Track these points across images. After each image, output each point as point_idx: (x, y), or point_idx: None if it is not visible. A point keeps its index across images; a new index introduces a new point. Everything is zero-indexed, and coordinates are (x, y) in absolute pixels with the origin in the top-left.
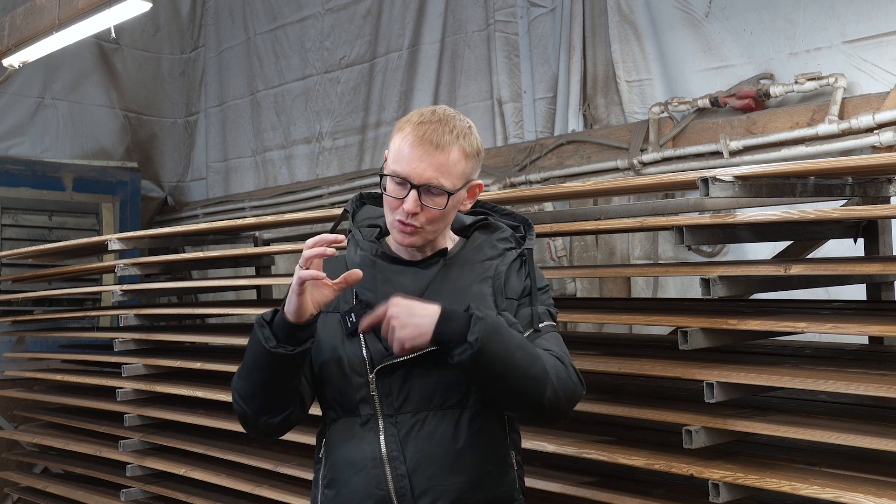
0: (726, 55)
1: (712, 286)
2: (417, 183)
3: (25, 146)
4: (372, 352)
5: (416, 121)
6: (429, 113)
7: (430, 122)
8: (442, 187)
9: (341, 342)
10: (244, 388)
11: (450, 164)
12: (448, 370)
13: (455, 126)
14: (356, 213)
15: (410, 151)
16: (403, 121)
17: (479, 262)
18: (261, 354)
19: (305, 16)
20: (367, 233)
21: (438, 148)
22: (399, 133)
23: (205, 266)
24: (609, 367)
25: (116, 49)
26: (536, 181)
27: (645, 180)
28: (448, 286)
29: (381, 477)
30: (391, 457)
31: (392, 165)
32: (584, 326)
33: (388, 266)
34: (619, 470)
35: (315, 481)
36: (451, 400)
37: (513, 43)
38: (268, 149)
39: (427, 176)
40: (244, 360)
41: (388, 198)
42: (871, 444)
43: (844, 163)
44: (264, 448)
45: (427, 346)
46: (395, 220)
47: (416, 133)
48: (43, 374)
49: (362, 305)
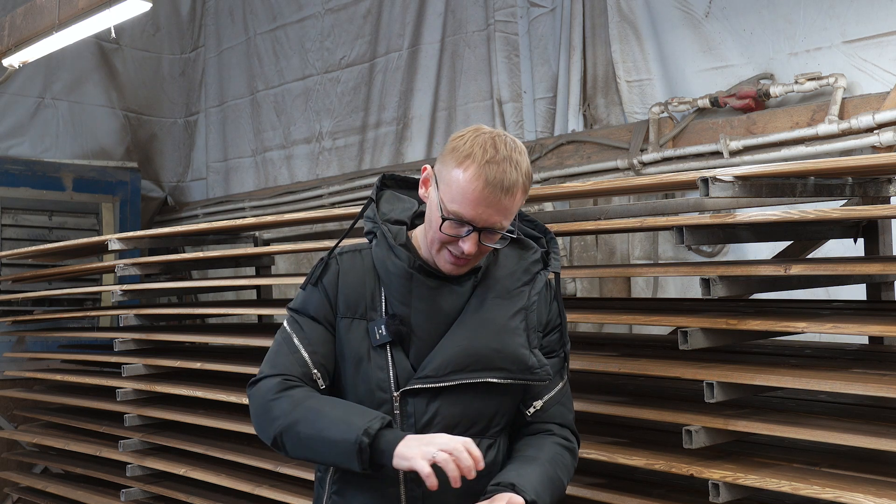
0: (726, 55)
1: (712, 286)
2: (481, 227)
3: (25, 146)
4: (398, 369)
5: (480, 159)
6: (491, 149)
7: (496, 162)
8: (503, 229)
9: (367, 353)
10: (298, 449)
11: (514, 205)
12: (475, 399)
13: (518, 161)
14: (379, 200)
15: (478, 197)
16: (462, 153)
17: (514, 290)
18: (342, 459)
19: (305, 16)
20: (395, 231)
21: (507, 193)
22: (460, 169)
23: (205, 266)
24: (609, 367)
25: (116, 49)
26: (536, 181)
27: (645, 180)
28: (483, 314)
29: (395, 496)
30: (408, 478)
31: (452, 206)
32: (584, 326)
33: (425, 281)
34: (619, 470)
35: (320, 481)
36: (474, 429)
37: (513, 43)
38: (268, 149)
39: (493, 220)
40: (313, 428)
41: (441, 234)
42: (871, 444)
43: (844, 163)
44: (264, 448)
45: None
46: (447, 250)
47: (484, 177)
48: (43, 374)
49: (394, 320)
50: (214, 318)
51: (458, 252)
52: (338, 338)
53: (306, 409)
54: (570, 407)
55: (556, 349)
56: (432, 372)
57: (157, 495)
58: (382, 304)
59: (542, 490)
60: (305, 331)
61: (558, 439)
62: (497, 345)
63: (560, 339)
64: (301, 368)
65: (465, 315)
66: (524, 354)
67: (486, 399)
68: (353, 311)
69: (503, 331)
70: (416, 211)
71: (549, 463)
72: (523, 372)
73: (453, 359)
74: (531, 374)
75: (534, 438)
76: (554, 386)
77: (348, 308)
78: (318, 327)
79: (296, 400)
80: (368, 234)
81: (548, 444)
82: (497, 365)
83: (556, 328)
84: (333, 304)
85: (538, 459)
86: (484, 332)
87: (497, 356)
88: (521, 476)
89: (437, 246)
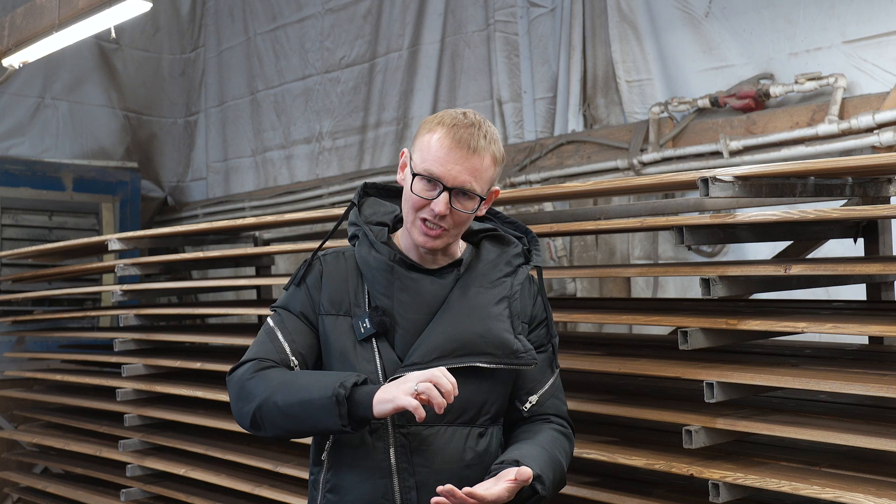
0: (726, 55)
1: (712, 286)
2: (451, 185)
3: (25, 146)
4: (385, 360)
5: (449, 123)
6: (461, 116)
7: (465, 126)
8: (474, 191)
9: (353, 348)
10: (278, 420)
11: (483, 168)
12: (463, 386)
13: (488, 131)
14: (361, 206)
15: (446, 153)
16: (433, 121)
17: (496, 279)
18: (321, 419)
19: (305, 16)
20: (377, 231)
21: (475, 152)
22: (430, 133)
23: (205, 266)
24: (609, 367)
25: (116, 49)
26: (536, 181)
27: (645, 180)
28: (467, 303)
29: (388, 487)
30: (400, 468)
31: (423, 165)
32: (584, 326)
33: (406, 273)
34: (619, 470)
35: (314, 483)
36: (464, 417)
37: (513, 43)
38: (268, 149)
39: (461, 179)
40: (289, 395)
41: (415, 197)
42: (871, 444)
43: (844, 163)
44: (264, 448)
45: None
46: (420, 218)
47: (451, 135)
48: (43, 374)
49: (377, 312)
50: (214, 318)
51: (431, 216)
52: (323, 335)
53: (281, 382)
54: (563, 399)
55: (544, 343)
56: (418, 359)
57: (157, 495)
58: (365, 299)
59: (546, 468)
60: (286, 323)
61: (555, 426)
62: (481, 330)
63: (547, 333)
64: (279, 355)
65: (449, 303)
66: (509, 339)
67: (473, 386)
68: (336, 307)
69: (487, 317)
70: (397, 215)
71: (549, 445)
72: (509, 356)
73: (439, 345)
74: (516, 358)
75: (531, 425)
76: (546, 380)
77: (332, 305)
78: (299, 322)
79: (270, 377)
80: (352, 239)
81: (545, 429)
82: (482, 350)
83: (543, 322)
84: (316, 302)
85: (537, 441)
86: (468, 318)
87: (482, 341)
88: (523, 454)
89: (412, 216)
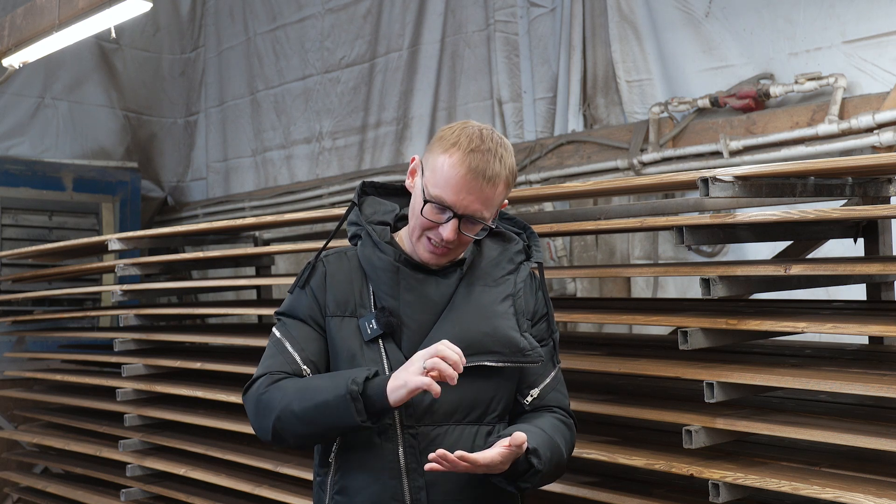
0: (726, 55)
1: (712, 286)
2: (461, 213)
3: (25, 146)
4: (392, 361)
5: (465, 146)
6: (477, 139)
7: (481, 151)
8: (484, 219)
9: (360, 349)
10: (298, 429)
11: (495, 196)
12: (471, 385)
13: (503, 156)
14: (361, 205)
15: (459, 181)
16: (449, 141)
17: (500, 277)
18: (340, 419)
19: (305, 16)
20: (380, 231)
21: (489, 182)
22: (445, 154)
23: (205, 266)
24: (609, 367)
25: (116, 49)
26: (536, 181)
27: (645, 180)
28: (472, 302)
29: (397, 488)
30: (409, 468)
31: (435, 191)
32: (584, 326)
33: (412, 273)
34: (619, 470)
35: (321, 485)
36: (472, 416)
37: (513, 43)
38: (268, 149)
39: (473, 208)
40: (305, 402)
41: (423, 218)
42: (871, 444)
43: (844, 163)
44: (264, 448)
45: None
46: (426, 238)
47: (467, 163)
48: (43, 374)
49: (384, 312)
50: (214, 318)
51: (438, 239)
52: (329, 338)
53: (295, 391)
54: (565, 392)
55: (545, 337)
56: None
57: (157, 495)
58: (371, 299)
59: (542, 445)
60: (293, 332)
61: (556, 415)
62: (488, 328)
63: (548, 328)
64: (290, 366)
65: (454, 303)
66: (515, 337)
67: (481, 384)
68: (342, 309)
69: (493, 315)
70: (398, 214)
71: (548, 428)
72: (515, 354)
73: None
74: (523, 355)
75: (532, 414)
76: (548, 374)
77: (338, 306)
78: (307, 328)
79: (284, 388)
80: (353, 239)
81: (545, 415)
82: (489, 348)
83: (544, 317)
84: (322, 305)
85: (535, 424)
86: (474, 317)
87: (489, 339)
88: (519, 430)
89: (418, 233)
